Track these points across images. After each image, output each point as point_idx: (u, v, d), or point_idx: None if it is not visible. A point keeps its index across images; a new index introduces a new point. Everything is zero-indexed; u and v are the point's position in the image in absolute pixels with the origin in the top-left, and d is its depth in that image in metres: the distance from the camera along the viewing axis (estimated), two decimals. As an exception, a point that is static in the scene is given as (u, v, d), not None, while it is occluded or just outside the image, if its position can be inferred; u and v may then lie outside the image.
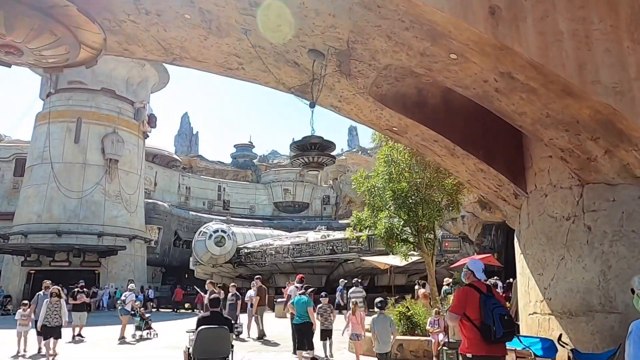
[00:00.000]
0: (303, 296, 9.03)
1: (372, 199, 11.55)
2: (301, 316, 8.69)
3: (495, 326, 3.90)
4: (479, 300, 4.06)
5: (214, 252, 26.92)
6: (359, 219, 11.79)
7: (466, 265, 4.46)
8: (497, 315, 3.94)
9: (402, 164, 11.07)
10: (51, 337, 9.85)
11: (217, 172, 54.53)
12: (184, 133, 68.96)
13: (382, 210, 11.62)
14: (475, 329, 4.02)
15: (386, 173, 11.19)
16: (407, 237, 11.64)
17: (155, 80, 38.80)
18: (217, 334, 5.76)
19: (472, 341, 4.05)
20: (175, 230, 40.38)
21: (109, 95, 34.62)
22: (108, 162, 33.12)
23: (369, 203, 11.79)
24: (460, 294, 4.32)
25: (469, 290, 4.22)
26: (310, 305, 8.86)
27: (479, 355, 4.01)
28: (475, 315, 4.04)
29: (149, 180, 42.41)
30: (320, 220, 49.01)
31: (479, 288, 4.19)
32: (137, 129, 36.02)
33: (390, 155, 11.20)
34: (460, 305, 4.17)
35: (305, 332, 8.60)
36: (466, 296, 4.18)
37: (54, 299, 9.95)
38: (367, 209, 11.87)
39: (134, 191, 34.61)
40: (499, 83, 4.54)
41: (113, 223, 32.40)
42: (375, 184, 11.25)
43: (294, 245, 26.13)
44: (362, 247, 22.21)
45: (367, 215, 11.71)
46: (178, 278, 40.94)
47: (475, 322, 4.04)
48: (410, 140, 6.80)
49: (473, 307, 4.07)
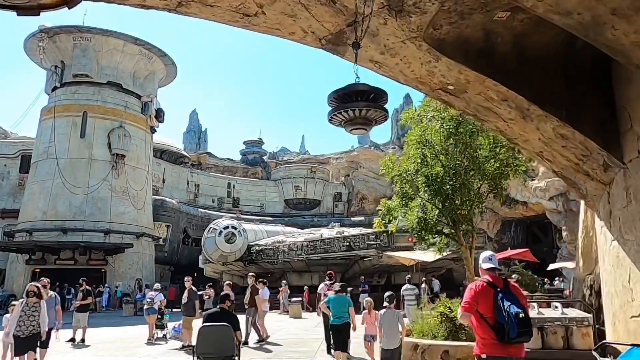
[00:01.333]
0: (342, 295, 8.46)
1: (403, 185, 10.27)
2: (340, 317, 8.12)
3: (509, 325, 3.60)
4: (493, 297, 3.77)
5: (224, 250, 25.77)
6: (388, 209, 10.52)
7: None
8: (513, 314, 3.62)
9: (437, 146, 9.80)
10: (28, 351, 7.43)
11: (227, 169, 53.53)
12: (192, 130, 67.96)
13: (413, 199, 10.35)
14: (488, 327, 3.74)
15: (418, 156, 9.91)
16: (442, 228, 10.38)
17: (162, 74, 37.80)
18: (219, 331, 5.56)
19: (486, 341, 3.77)
20: (184, 227, 39.36)
21: (115, 88, 33.68)
22: (114, 157, 32.17)
23: (399, 190, 10.51)
24: (472, 290, 3.93)
25: (481, 285, 3.88)
26: (352, 305, 8.40)
27: (493, 356, 3.73)
28: (489, 312, 3.76)
29: (157, 176, 41.45)
30: (332, 217, 47.87)
31: (493, 283, 3.88)
32: (144, 124, 35.03)
33: (424, 136, 9.92)
34: (472, 302, 3.83)
35: (344, 333, 8.12)
36: (478, 292, 3.85)
37: (32, 300, 7.46)
38: (397, 197, 10.59)
39: (141, 187, 33.62)
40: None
41: (120, 220, 31.44)
42: (407, 169, 9.97)
43: (308, 242, 24.89)
44: (382, 243, 20.92)
45: (397, 204, 10.44)
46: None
47: (488, 320, 3.77)
48: (468, 102, 5.52)
49: (486, 304, 3.78)
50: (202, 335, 5.55)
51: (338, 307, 8.21)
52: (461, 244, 10.26)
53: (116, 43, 33.34)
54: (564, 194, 30.24)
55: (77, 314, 12.72)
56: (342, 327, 8.10)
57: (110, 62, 33.69)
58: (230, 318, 5.81)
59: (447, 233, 10.43)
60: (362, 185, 50.02)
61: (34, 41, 32.41)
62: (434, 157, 9.93)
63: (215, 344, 5.57)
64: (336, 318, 8.15)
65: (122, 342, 12.73)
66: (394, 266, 25.58)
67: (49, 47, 32.68)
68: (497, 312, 3.72)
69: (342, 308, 8.20)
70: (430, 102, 9.97)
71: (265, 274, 30.35)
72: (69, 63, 32.93)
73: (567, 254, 31.54)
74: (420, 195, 10.13)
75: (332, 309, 8.28)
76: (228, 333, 5.60)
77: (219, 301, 6.23)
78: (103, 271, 30.53)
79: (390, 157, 10.66)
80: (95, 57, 32.98)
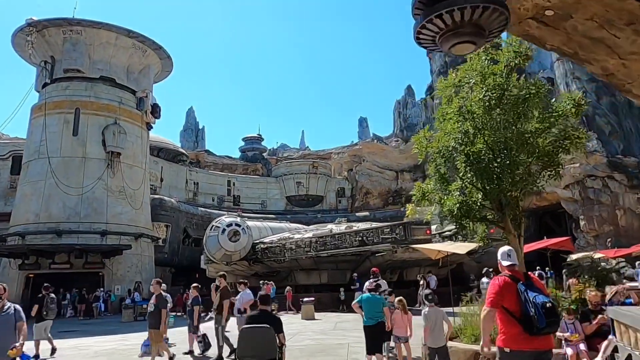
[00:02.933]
0: (374, 294, 7.98)
1: (440, 165, 8.87)
2: (374, 317, 7.69)
3: (537, 316, 3.56)
4: (517, 290, 3.77)
5: (228, 248, 24.37)
6: (423, 192, 9.11)
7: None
8: (539, 304, 3.60)
9: (481, 119, 8.41)
10: None
11: (226, 166, 52.12)
12: (189, 128, 66.41)
13: (451, 181, 8.96)
14: (514, 321, 3.71)
15: (458, 131, 8.52)
16: (486, 214, 9.01)
17: (158, 68, 36.32)
18: (259, 333, 5.45)
19: (511, 334, 3.73)
20: (184, 227, 37.94)
21: (109, 84, 32.21)
22: (110, 155, 30.71)
23: (434, 171, 9.12)
24: (496, 285, 3.89)
25: (503, 279, 3.89)
26: (386, 304, 8.05)
27: (518, 350, 3.68)
28: (514, 306, 3.75)
29: (154, 175, 40.00)
30: (336, 213, 46.47)
31: (515, 277, 3.90)
32: (140, 120, 33.56)
33: (465, 106, 8.52)
34: (498, 297, 3.81)
35: (379, 334, 7.75)
36: (502, 286, 3.83)
37: None
38: (432, 179, 9.19)
39: (138, 186, 32.17)
40: None
41: (117, 220, 29.99)
42: (447, 145, 8.57)
43: (317, 238, 23.48)
44: (398, 237, 19.53)
45: (434, 188, 9.05)
46: (188, 278, 38.62)
47: (514, 313, 3.73)
48: (570, 34, 4.13)
49: (511, 298, 3.77)
50: (243, 337, 5.47)
51: (371, 307, 7.76)
52: (509, 231, 8.90)
53: (108, 36, 31.86)
54: (581, 182, 28.90)
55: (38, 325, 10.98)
56: (376, 328, 7.66)
57: (103, 56, 32.20)
58: (272, 319, 5.66)
59: (492, 219, 9.06)
60: (366, 180, 48.63)
61: (21, 36, 30.94)
62: (476, 131, 8.54)
63: (257, 347, 5.44)
64: (369, 319, 7.70)
65: (120, 355, 11.31)
66: (408, 261, 24.26)
67: (37, 42, 31.20)
68: (523, 305, 3.68)
69: (376, 308, 7.77)
70: (473, 65, 8.59)
71: (272, 273, 29.04)
72: (60, 58, 31.44)
73: (585, 244, 30.28)
74: (460, 177, 8.74)
75: (365, 309, 7.78)
76: (270, 335, 5.43)
77: (260, 302, 6.07)
78: (101, 275, 29.12)
79: (424, 133, 9.24)
80: (87, 51, 31.49)
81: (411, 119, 54.42)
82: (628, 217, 27.11)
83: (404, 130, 54.12)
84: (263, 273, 28.96)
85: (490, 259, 31.52)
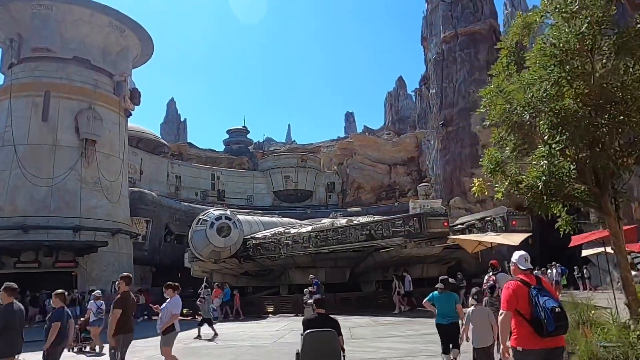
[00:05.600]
0: (448, 292, 7.40)
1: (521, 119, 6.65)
2: (446, 316, 7.23)
3: (547, 320, 3.74)
4: (528, 294, 3.92)
5: (217, 244, 21.88)
6: (496, 162, 6.91)
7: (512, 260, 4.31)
8: (549, 309, 3.77)
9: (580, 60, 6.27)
10: None
11: (210, 159, 49.42)
12: (170, 120, 63.22)
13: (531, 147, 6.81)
14: (525, 323, 3.89)
15: (548, 78, 6.35)
16: (576, 191, 6.90)
17: (137, 51, 33.48)
18: (325, 336, 5.36)
19: (522, 335, 3.90)
20: (166, 223, 35.19)
21: (83, 65, 29.30)
22: (84, 143, 27.85)
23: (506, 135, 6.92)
24: (509, 289, 4.04)
25: (516, 284, 4.04)
26: (459, 302, 7.53)
27: (529, 349, 3.86)
28: (526, 309, 3.91)
29: (133, 167, 37.19)
30: (326, 209, 44.29)
31: (526, 281, 4.04)
32: (117, 106, 30.73)
33: (559, 42, 6.32)
34: (512, 302, 3.98)
35: (452, 334, 7.20)
36: (515, 290, 4.00)
37: None
38: (509, 143, 6.98)
39: (115, 178, 29.39)
40: None
41: (92, 215, 27.20)
42: (534, 95, 6.36)
43: (317, 232, 21.19)
44: (412, 230, 17.36)
45: (511, 155, 6.85)
46: (170, 278, 35.86)
47: (525, 316, 3.90)
48: None
49: (523, 302, 3.94)
50: (308, 342, 5.32)
51: (444, 305, 7.28)
52: (608, 213, 6.80)
53: (82, 12, 28.96)
54: (592, 173, 27.07)
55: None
56: (449, 327, 7.21)
57: (76, 34, 29.29)
58: (332, 323, 5.57)
59: (584, 197, 6.94)
60: (357, 174, 46.51)
61: (-16, 11, 27.88)
62: (574, 78, 6.39)
63: (323, 351, 5.35)
64: (442, 317, 7.27)
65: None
66: (416, 257, 22.20)
67: (3, 18, 28.25)
68: (533, 308, 3.85)
69: (449, 306, 7.26)
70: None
71: (263, 272, 26.67)
72: (27, 36, 28.45)
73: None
74: (546, 141, 6.58)
75: (438, 307, 7.29)
76: (335, 339, 5.40)
77: (315, 306, 5.87)
78: (73, 275, 26.30)
79: (499, 82, 7.03)
80: (58, 29, 28.55)
81: (403, 111, 52.56)
82: None
83: (395, 123, 52.19)
84: (254, 272, 26.59)
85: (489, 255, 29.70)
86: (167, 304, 7.42)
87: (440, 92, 39.98)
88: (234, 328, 16.24)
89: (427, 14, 44.93)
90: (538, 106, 6.23)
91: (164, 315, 7.34)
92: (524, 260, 4.18)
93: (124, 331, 6.92)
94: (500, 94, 6.79)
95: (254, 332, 14.40)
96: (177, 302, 7.50)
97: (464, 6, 40.58)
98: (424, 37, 45.00)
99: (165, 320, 7.28)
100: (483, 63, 38.31)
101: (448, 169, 38.23)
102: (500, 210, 18.76)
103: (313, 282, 19.26)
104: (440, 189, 38.98)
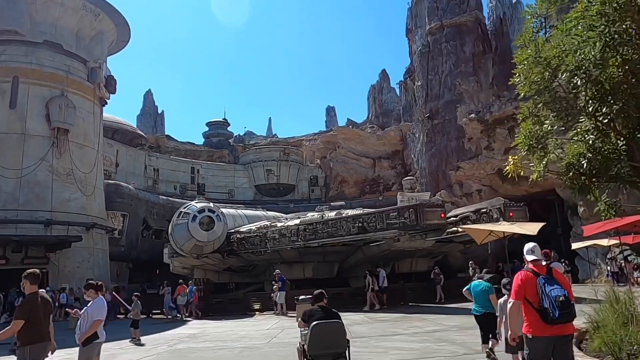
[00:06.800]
0: (482, 282, 7.37)
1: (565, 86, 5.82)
2: (481, 306, 7.21)
3: (552, 308, 3.95)
4: (536, 283, 4.10)
5: (199, 238, 20.71)
6: (536, 137, 6.07)
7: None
8: (553, 298, 3.97)
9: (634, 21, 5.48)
10: None
11: (189, 152, 47.88)
12: (147, 112, 61.13)
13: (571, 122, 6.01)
14: (534, 311, 4.08)
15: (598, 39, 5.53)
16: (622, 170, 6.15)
17: (113, 37, 31.85)
18: (333, 327, 5.42)
19: (531, 322, 4.10)
20: (143, 217, 33.71)
21: (54, 50, 27.59)
22: (55, 132, 26.25)
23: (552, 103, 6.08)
24: (518, 279, 4.27)
25: (525, 274, 4.24)
26: (492, 292, 7.24)
27: (538, 336, 4.05)
28: (534, 298, 4.09)
29: (108, 160, 35.56)
30: (309, 203, 43.36)
31: (536, 271, 4.21)
32: (91, 93, 29.13)
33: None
34: (520, 291, 4.19)
35: (488, 324, 7.08)
36: (524, 280, 4.20)
37: None
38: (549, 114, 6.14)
39: (90, 169, 27.85)
40: None
41: (64, 208, 25.67)
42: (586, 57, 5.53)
43: (305, 225, 20.22)
44: (408, 222, 16.56)
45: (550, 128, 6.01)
46: (148, 275, 34.51)
47: (534, 304, 4.08)
48: None
49: (531, 291, 4.12)
50: (316, 333, 5.28)
51: (479, 295, 7.27)
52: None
53: (53, -7, 27.27)
54: (580, 166, 26.81)
55: None
56: (484, 317, 7.19)
57: (47, 17, 27.58)
58: (336, 315, 5.58)
59: (631, 179, 6.18)
60: (341, 167, 45.68)
61: (-55, -11, 25.92)
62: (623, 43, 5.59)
63: (331, 341, 5.37)
64: (477, 307, 7.30)
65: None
66: (407, 251, 21.49)
67: (-35, -2, 26.29)
68: (540, 297, 4.04)
69: (484, 295, 7.21)
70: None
71: (247, 267, 25.60)
72: (-7, 17, 26.60)
73: (582, 232, 28.51)
74: (591, 113, 5.78)
75: (474, 297, 7.31)
76: (341, 329, 5.45)
77: (314, 300, 5.88)
78: (44, 272, 24.69)
79: (536, 48, 6.18)
80: (27, 10, 26.77)
81: (387, 105, 51.91)
82: (632, 202, 25.41)
83: (379, 117, 51.52)
84: (238, 267, 25.50)
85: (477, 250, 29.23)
86: (87, 308, 5.99)
87: (425, 85, 39.42)
88: (221, 327, 15.20)
89: (412, 5, 44.35)
90: (591, 70, 5.40)
91: (83, 322, 5.90)
92: (530, 251, 4.37)
93: (36, 340, 5.32)
94: (540, 60, 5.94)
95: (243, 331, 13.39)
96: (101, 306, 6.09)
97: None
98: (409, 29, 44.41)
99: (86, 328, 5.84)
100: (469, 55, 37.95)
101: (434, 162, 37.74)
102: (496, 201, 18.15)
103: (278, 278, 18.44)
104: (425, 182, 38.48)
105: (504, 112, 32.65)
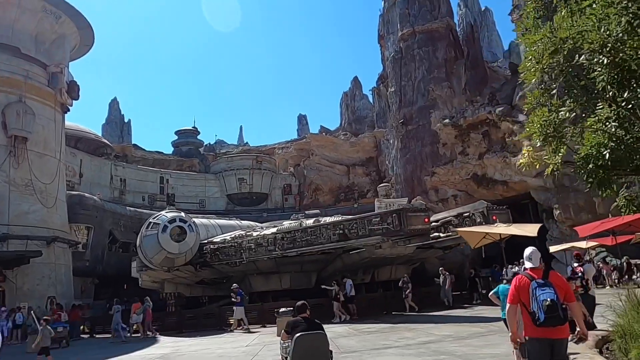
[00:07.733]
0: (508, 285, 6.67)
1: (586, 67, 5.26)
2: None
3: (538, 311, 4.09)
4: (529, 287, 4.24)
5: (170, 250, 19.51)
6: (553, 126, 5.47)
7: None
8: (541, 301, 4.09)
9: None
10: None
11: (158, 162, 46.26)
12: (113, 121, 59.02)
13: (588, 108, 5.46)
14: (527, 313, 4.24)
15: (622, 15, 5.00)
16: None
17: (75, 41, 30.38)
18: (316, 339, 5.39)
19: (527, 325, 4.27)
20: (109, 230, 32.06)
21: (11, 53, 25.97)
22: (13, 140, 24.62)
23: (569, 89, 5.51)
24: (514, 283, 4.45)
25: (520, 278, 4.42)
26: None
27: (531, 338, 4.24)
28: (527, 301, 4.24)
29: (72, 170, 33.85)
30: (282, 212, 42.44)
31: (532, 275, 4.32)
32: (52, 99, 27.56)
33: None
34: (516, 295, 4.37)
35: None
36: (518, 285, 4.37)
37: None
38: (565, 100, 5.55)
39: (51, 179, 26.23)
40: None
41: (22, 221, 23.99)
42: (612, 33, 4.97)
43: (283, 234, 19.34)
44: (391, 227, 15.92)
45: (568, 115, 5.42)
46: (115, 290, 32.79)
47: (527, 307, 4.24)
48: None
49: (525, 295, 4.27)
50: (300, 345, 5.23)
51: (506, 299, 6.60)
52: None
53: (10, -6, 25.74)
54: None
55: None
56: None
57: (3, 19, 26.01)
58: (319, 326, 5.56)
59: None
60: (315, 175, 45.00)
61: None
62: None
63: (313, 353, 5.35)
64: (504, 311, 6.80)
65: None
66: (389, 258, 20.90)
67: None
68: (531, 301, 4.20)
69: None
70: None
71: (221, 280, 24.45)
72: (-56, 19, 24.90)
73: (559, 234, 28.71)
74: (611, 98, 5.23)
75: (502, 300, 7.12)
76: (324, 340, 5.43)
77: (297, 311, 5.81)
78: (1, 290, 23.01)
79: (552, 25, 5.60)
80: (-19, 12, 25.18)
81: (360, 112, 51.66)
82: (606, 205, 25.60)
83: (352, 123, 51.18)
84: (211, 280, 24.33)
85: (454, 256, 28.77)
86: None
87: (399, 90, 39.30)
88: (196, 345, 14.11)
89: (383, 12, 44.31)
90: (619, 47, 4.84)
91: None
92: (528, 259, 4.48)
93: None
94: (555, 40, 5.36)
95: (221, 349, 12.38)
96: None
97: (421, 4, 40.20)
98: (381, 35, 44.33)
99: None
100: (442, 61, 38.04)
101: (409, 168, 37.52)
102: (479, 205, 17.77)
103: (237, 293, 17.52)
104: (401, 188, 38.19)
105: (477, 117, 32.73)
